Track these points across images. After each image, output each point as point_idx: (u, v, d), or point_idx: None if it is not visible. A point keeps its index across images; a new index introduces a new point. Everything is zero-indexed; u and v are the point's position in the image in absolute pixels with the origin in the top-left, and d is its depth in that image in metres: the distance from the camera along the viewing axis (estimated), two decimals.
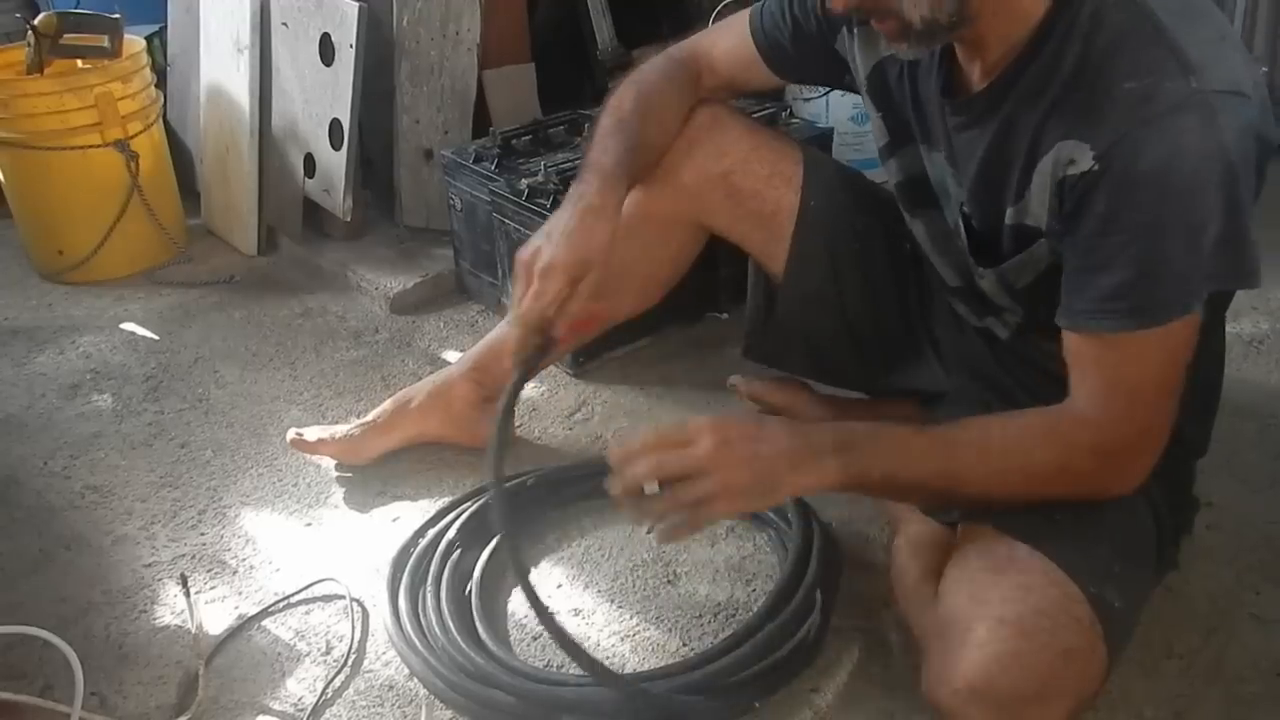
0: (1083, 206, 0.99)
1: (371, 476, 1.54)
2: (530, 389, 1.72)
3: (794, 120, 2.03)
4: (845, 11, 1.03)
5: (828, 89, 2.18)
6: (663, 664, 1.21)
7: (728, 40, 1.36)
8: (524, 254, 1.16)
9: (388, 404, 1.55)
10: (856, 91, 1.30)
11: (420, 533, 1.40)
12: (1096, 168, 0.96)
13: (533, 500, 1.48)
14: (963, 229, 1.16)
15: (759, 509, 1.34)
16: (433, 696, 1.21)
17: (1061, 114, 1.00)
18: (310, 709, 1.20)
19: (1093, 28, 0.98)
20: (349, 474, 1.56)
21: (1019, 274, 1.13)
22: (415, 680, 1.23)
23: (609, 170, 1.21)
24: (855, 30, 1.23)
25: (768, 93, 2.37)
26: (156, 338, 1.99)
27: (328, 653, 1.28)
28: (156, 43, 2.43)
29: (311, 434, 1.54)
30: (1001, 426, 1.07)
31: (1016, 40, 1.02)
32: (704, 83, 1.37)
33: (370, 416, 1.55)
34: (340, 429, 1.55)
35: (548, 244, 1.15)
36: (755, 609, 1.23)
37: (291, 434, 1.54)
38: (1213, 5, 1.06)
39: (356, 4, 1.97)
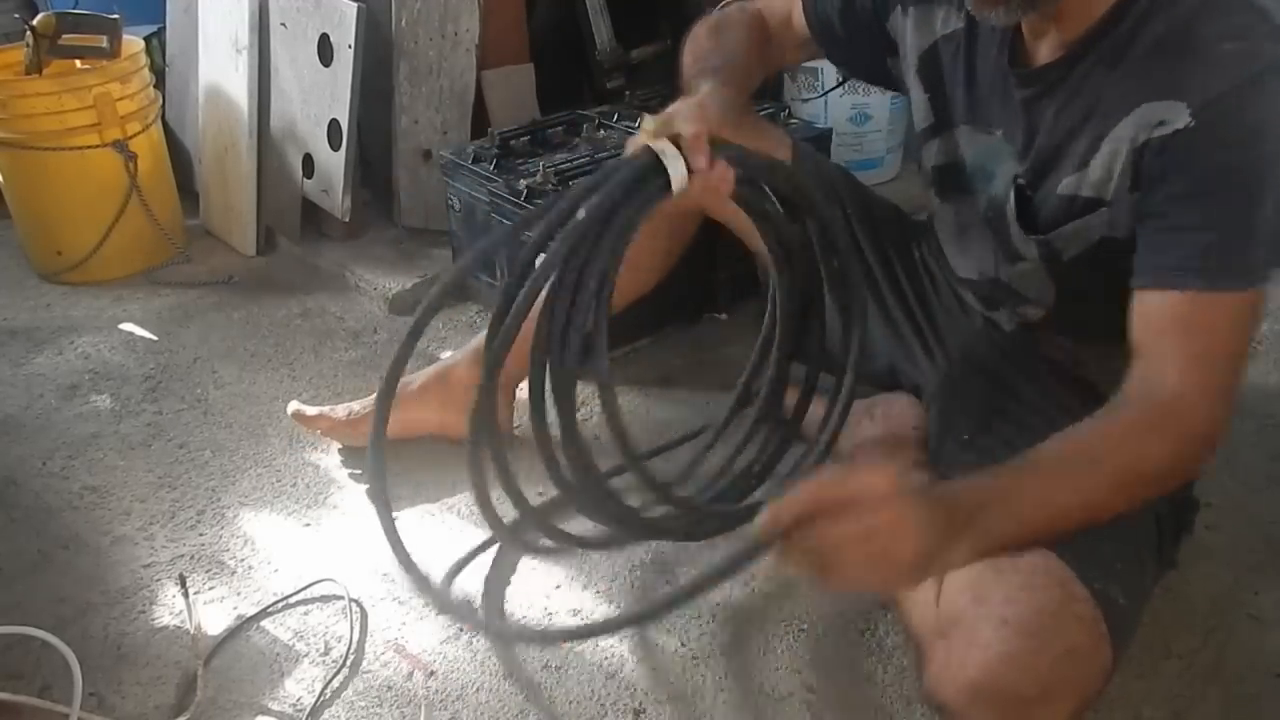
0: (1173, 166, 0.97)
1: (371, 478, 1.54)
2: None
3: (793, 120, 2.03)
4: None
5: (843, 81, 2.19)
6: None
7: (779, 8, 1.36)
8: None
9: None
10: (888, 83, 1.31)
11: None
12: (1193, 124, 0.95)
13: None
14: (1014, 200, 1.15)
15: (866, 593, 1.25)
16: (431, 697, 1.21)
17: (1146, 77, 0.99)
18: (309, 710, 1.20)
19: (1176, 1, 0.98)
20: (356, 470, 1.56)
21: (1068, 244, 1.11)
22: (413, 680, 1.23)
23: (724, 82, 1.19)
24: (911, 9, 1.22)
25: (768, 91, 2.38)
26: (155, 338, 1.99)
27: (326, 653, 1.28)
28: (155, 43, 2.43)
29: (312, 410, 1.56)
30: (1099, 427, 0.98)
31: (1098, 9, 1.02)
32: (771, 44, 1.36)
33: (371, 398, 1.55)
34: (340, 408, 1.56)
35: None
36: None
37: (293, 406, 1.56)
38: None
39: (355, 4, 1.97)
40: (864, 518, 0.87)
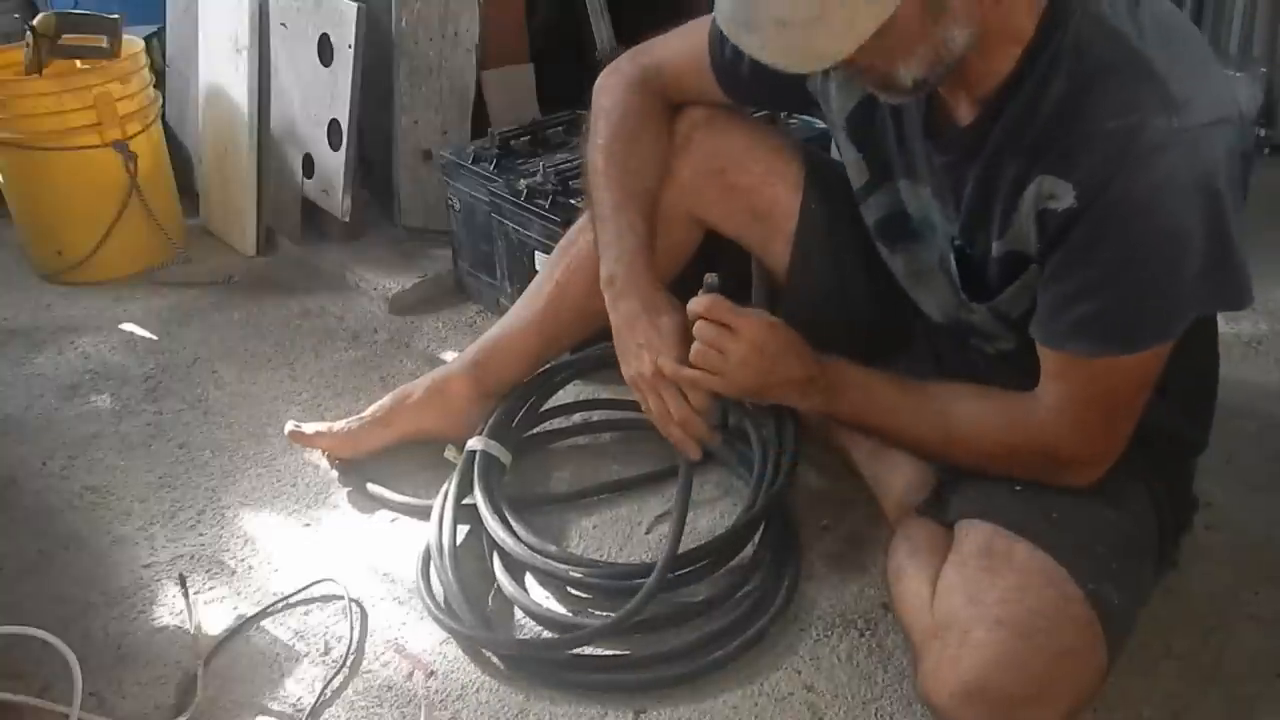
0: (1062, 237, 1.00)
1: (370, 477, 1.54)
2: None
3: (792, 120, 2.02)
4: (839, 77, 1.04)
5: None
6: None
7: (683, 58, 1.34)
8: (645, 373, 1.23)
9: (386, 399, 1.56)
10: (818, 118, 1.32)
11: None
12: (1077, 205, 0.97)
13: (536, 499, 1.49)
14: (954, 262, 1.16)
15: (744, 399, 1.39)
16: (431, 697, 1.21)
17: (1044, 149, 1.00)
18: (309, 709, 1.20)
19: (1075, 60, 0.98)
20: (348, 473, 1.56)
21: (1013, 305, 1.13)
22: (413, 680, 1.23)
23: (634, 250, 1.28)
24: (831, 73, 1.20)
25: None
26: (155, 338, 1.99)
27: (326, 653, 1.28)
28: (155, 43, 2.43)
29: (310, 428, 1.54)
30: (967, 403, 1.16)
31: (1003, 73, 1.02)
32: (672, 101, 1.37)
33: (369, 411, 1.55)
34: (339, 424, 1.55)
35: (648, 353, 1.22)
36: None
37: (290, 426, 1.55)
38: (1190, 26, 1.07)
39: (355, 4, 1.97)
40: (757, 344, 1.17)
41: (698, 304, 1.19)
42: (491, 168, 1.86)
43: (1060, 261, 1.01)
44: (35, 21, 2.07)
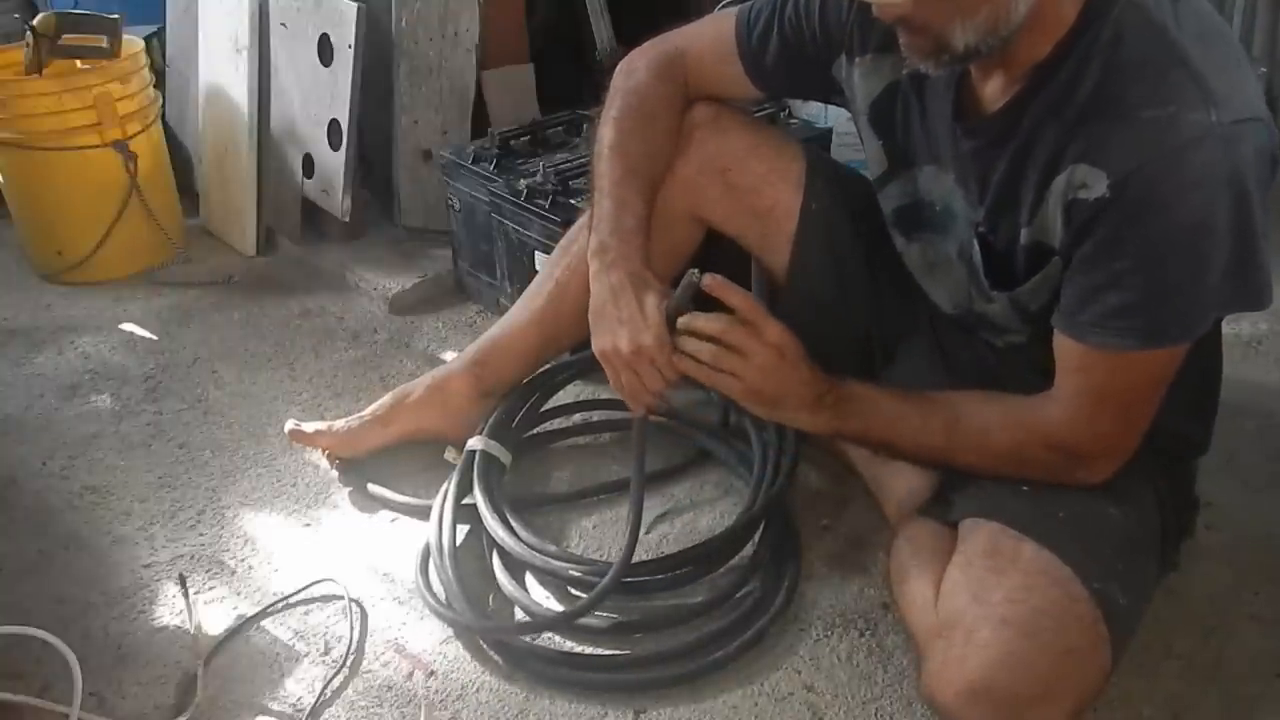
0: (1092, 227, 0.99)
1: (370, 477, 1.54)
2: None
3: (793, 120, 2.03)
4: (889, 22, 1.01)
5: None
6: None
7: (708, 45, 1.34)
8: (622, 349, 1.16)
9: (386, 398, 1.56)
10: (840, 106, 1.31)
11: None
12: (1109, 195, 0.96)
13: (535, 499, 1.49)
14: (978, 250, 1.16)
15: (755, 414, 1.29)
16: (431, 697, 1.21)
17: (1078, 136, 0.99)
18: (309, 709, 1.20)
19: (1113, 49, 0.97)
20: (348, 473, 1.56)
21: (1034, 297, 1.12)
22: (413, 680, 1.23)
23: (631, 228, 1.25)
24: (857, 59, 1.22)
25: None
26: (155, 338, 1.99)
27: (326, 653, 1.28)
28: (155, 43, 2.42)
29: (309, 426, 1.54)
30: (976, 406, 1.15)
31: (1041, 55, 1.01)
32: (691, 93, 1.37)
33: (369, 411, 1.55)
34: (339, 423, 1.54)
35: (621, 332, 1.17)
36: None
37: (290, 425, 1.55)
38: (1225, 25, 1.06)
39: (355, 4, 1.97)
40: (779, 350, 1.11)
41: (734, 296, 1.10)
42: (491, 168, 1.86)
43: (1089, 252, 1.00)
44: (35, 21, 2.07)
